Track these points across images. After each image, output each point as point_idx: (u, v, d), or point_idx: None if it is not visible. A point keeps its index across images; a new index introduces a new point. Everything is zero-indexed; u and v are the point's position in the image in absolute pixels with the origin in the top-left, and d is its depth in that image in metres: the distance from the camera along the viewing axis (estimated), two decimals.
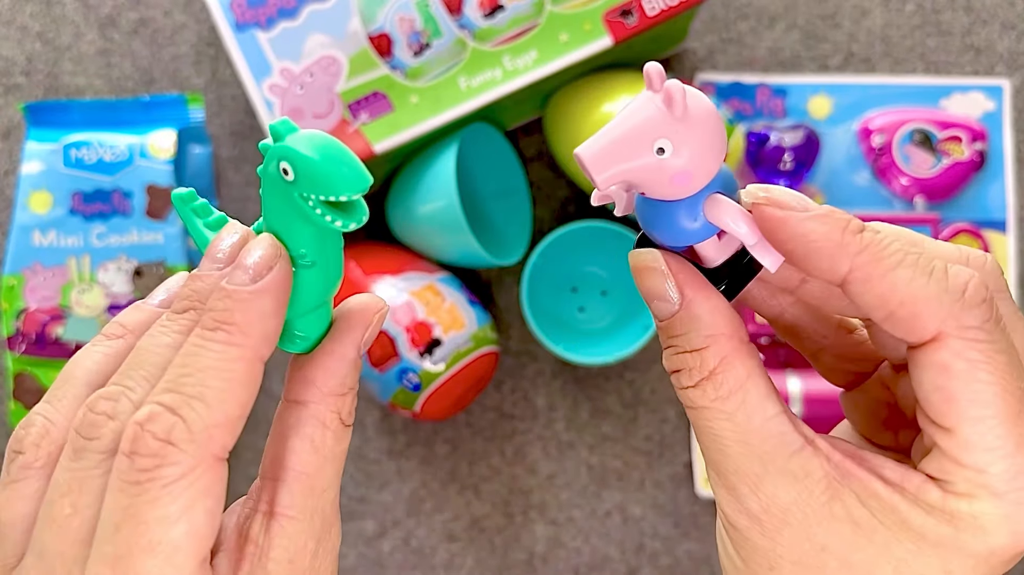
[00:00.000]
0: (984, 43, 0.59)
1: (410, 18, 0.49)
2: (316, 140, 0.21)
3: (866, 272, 0.21)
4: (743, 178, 0.57)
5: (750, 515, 0.23)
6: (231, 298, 0.21)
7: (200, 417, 0.20)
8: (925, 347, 0.21)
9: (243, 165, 0.59)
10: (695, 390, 0.23)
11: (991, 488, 0.21)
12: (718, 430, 0.23)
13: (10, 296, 0.54)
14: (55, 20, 0.59)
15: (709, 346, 0.23)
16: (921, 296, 0.21)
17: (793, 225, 0.22)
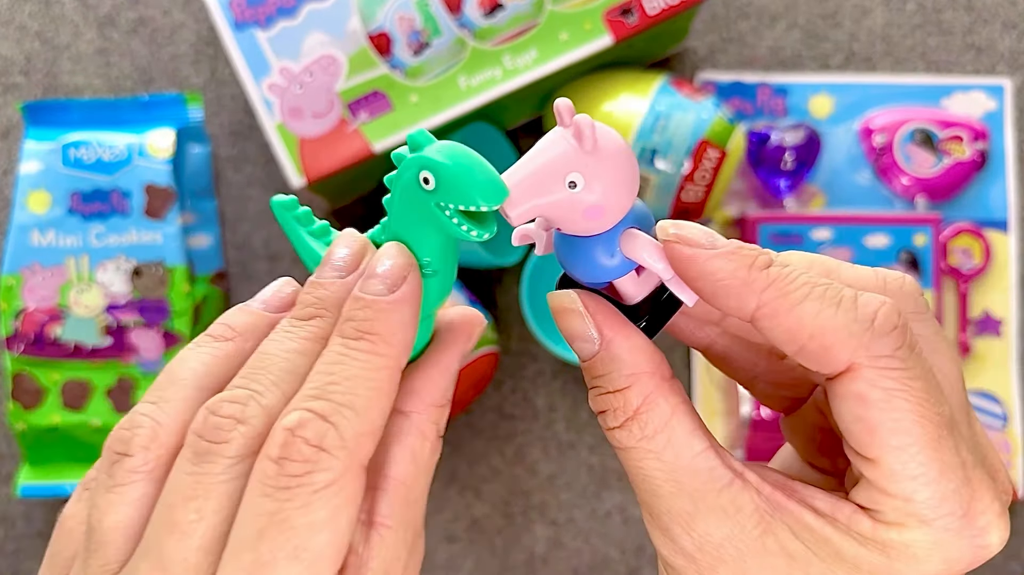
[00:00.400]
0: (985, 42, 0.59)
1: (410, 17, 0.49)
2: (457, 151, 0.21)
3: (773, 308, 0.21)
4: (745, 178, 0.57)
5: (685, 555, 0.22)
6: (371, 308, 0.22)
7: (351, 425, 0.20)
8: (841, 378, 0.21)
9: (242, 165, 0.59)
10: (621, 431, 0.23)
11: (919, 516, 0.21)
12: (647, 470, 0.23)
13: (8, 296, 0.54)
14: (54, 19, 0.59)
15: (631, 385, 0.23)
16: (829, 328, 0.21)
17: (700, 263, 0.22)
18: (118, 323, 0.54)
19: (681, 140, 0.49)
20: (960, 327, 0.58)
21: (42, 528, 0.58)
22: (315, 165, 0.48)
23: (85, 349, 0.54)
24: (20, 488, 0.54)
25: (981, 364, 0.58)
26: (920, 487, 0.21)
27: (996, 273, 0.58)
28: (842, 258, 0.54)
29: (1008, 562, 0.57)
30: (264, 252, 0.58)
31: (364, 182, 0.55)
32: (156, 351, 0.54)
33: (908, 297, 0.23)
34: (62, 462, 0.55)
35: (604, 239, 0.22)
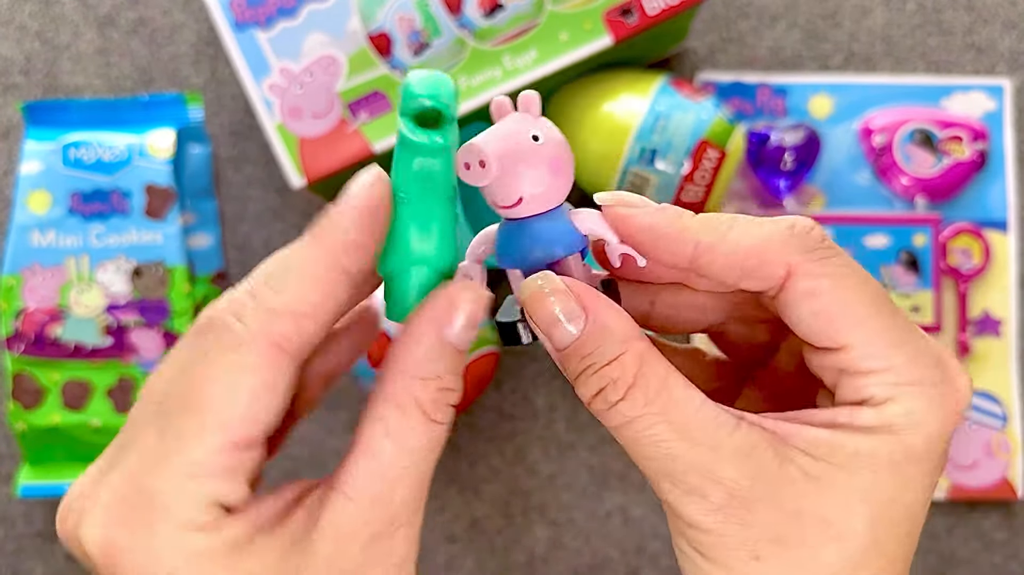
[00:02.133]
0: (985, 42, 0.59)
1: (410, 17, 0.49)
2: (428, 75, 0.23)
3: (708, 244, 0.23)
4: (745, 178, 0.57)
5: (718, 508, 0.22)
6: (324, 214, 0.23)
7: (265, 301, 0.22)
8: (787, 286, 0.23)
9: (243, 164, 0.59)
10: (625, 402, 0.22)
11: (905, 380, 0.22)
12: (659, 435, 0.22)
13: (9, 296, 0.54)
14: (54, 19, 0.59)
15: (627, 351, 0.22)
16: (761, 242, 0.23)
17: (639, 219, 0.23)
18: (118, 323, 0.54)
19: (681, 140, 0.49)
20: (960, 327, 0.58)
21: (42, 528, 0.58)
22: (315, 165, 0.48)
23: (85, 349, 0.54)
24: (20, 488, 0.54)
25: (981, 364, 0.58)
26: (894, 352, 0.22)
27: (996, 273, 0.58)
28: None
29: (1008, 562, 0.57)
30: (264, 252, 0.58)
31: None
32: (156, 351, 0.54)
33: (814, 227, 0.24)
34: (62, 462, 0.55)
35: (555, 214, 0.24)
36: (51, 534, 0.58)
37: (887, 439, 0.22)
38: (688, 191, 0.50)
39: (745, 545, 0.22)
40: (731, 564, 0.22)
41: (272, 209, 0.59)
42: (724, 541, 0.22)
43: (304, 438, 0.58)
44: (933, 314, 0.54)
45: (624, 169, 0.50)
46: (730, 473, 0.22)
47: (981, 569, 0.57)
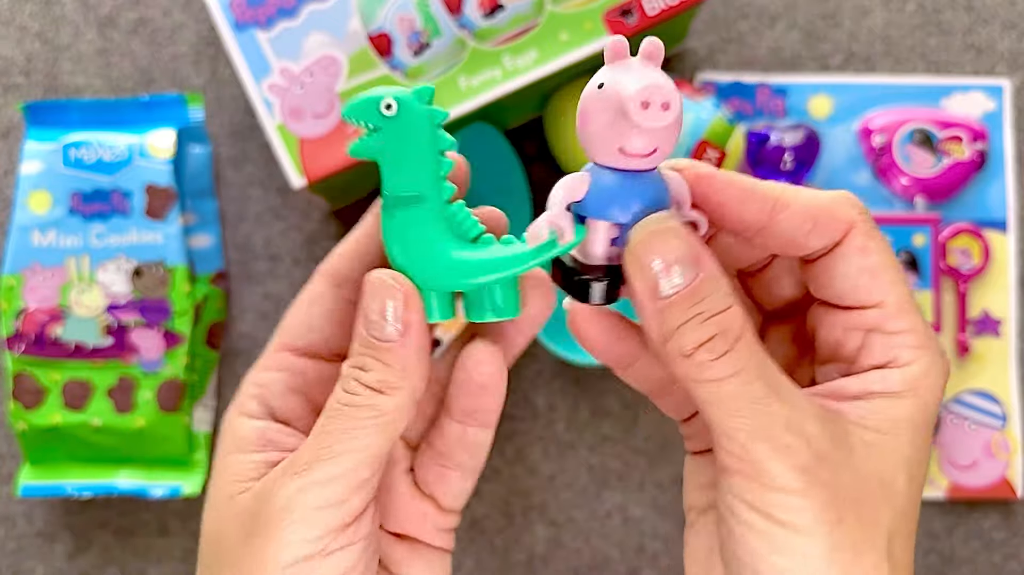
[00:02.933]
0: (985, 43, 0.59)
1: (410, 18, 0.49)
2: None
3: (785, 200, 0.24)
4: None
5: (806, 468, 0.22)
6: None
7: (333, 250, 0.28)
8: (844, 241, 0.24)
9: (243, 165, 0.59)
10: (732, 353, 0.22)
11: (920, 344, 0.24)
12: (757, 391, 0.22)
13: (9, 296, 0.54)
14: (54, 20, 0.59)
15: (734, 304, 0.23)
16: (831, 200, 0.24)
17: (723, 175, 0.24)
18: (119, 323, 0.54)
19: (681, 140, 0.49)
20: (959, 327, 0.58)
21: (43, 528, 0.58)
22: (316, 165, 0.48)
23: (86, 349, 0.54)
24: (21, 488, 0.54)
25: (980, 364, 0.58)
26: (914, 316, 0.24)
27: (995, 273, 0.58)
28: None
29: (1007, 562, 0.57)
30: (265, 252, 0.59)
31: (364, 183, 0.55)
32: (157, 351, 0.54)
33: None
34: (63, 462, 0.55)
35: (656, 173, 0.24)
36: (52, 534, 0.58)
37: (915, 402, 0.23)
38: None
39: (830, 507, 0.22)
40: (813, 528, 0.22)
41: (272, 209, 0.59)
42: (810, 504, 0.22)
43: None
44: (932, 314, 0.54)
45: None
46: (816, 432, 0.22)
47: (981, 569, 0.57)
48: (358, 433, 0.23)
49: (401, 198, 0.25)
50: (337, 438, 0.23)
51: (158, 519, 0.58)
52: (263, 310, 0.58)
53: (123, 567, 0.58)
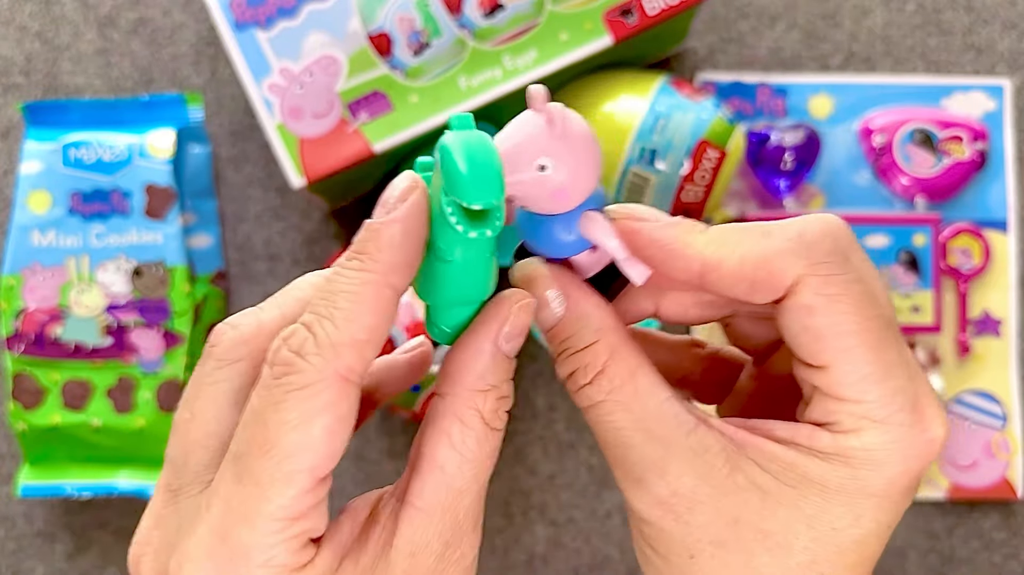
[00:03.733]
0: (985, 42, 0.59)
1: (410, 17, 0.49)
2: (469, 141, 0.21)
3: (717, 259, 0.23)
4: (745, 178, 0.57)
5: (661, 503, 0.23)
6: (366, 230, 0.22)
7: (329, 334, 0.21)
8: (788, 296, 0.22)
9: (243, 165, 0.59)
10: (591, 387, 0.23)
11: (872, 416, 0.22)
12: (618, 423, 0.23)
13: (9, 296, 0.54)
14: (54, 20, 0.59)
15: (599, 339, 0.24)
16: (769, 254, 0.22)
17: (648, 232, 0.23)
18: (118, 323, 0.54)
19: (681, 140, 0.49)
20: (959, 327, 0.58)
21: (42, 527, 0.58)
22: (315, 165, 0.48)
23: (85, 349, 0.54)
24: (20, 488, 0.54)
25: (980, 364, 0.58)
26: (870, 387, 0.22)
27: (995, 273, 0.58)
28: None
29: (1008, 562, 0.57)
30: (264, 252, 0.59)
31: (364, 182, 0.55)
32: (157, 351, 0.54)
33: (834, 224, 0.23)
34: (62, 462, 0.55)
35: (565, 219, 0.23)
36: (51, 534, 0.58)
37: (840, 469, 0.22)
38: (688, 191, 0.50)
39: (684, 542, 0.23)
40: (671, 559, 0.23)
41: (272, 209, 0.59)
42: (664, 535, 0.23)
43: None
44: (933, 314, 0.54)
45: (624, 169, 0.50)
46: (676, 470, 0.22)
47: (981, 569, 0.57)
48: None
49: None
50: (486, 484, 0.24)
51: None
52: None
53: (123, 567, 0.58)
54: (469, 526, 0.23)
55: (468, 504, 0.23)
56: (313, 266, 0.58)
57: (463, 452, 0.23)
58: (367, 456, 0.58)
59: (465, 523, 0.23)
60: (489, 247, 0.23)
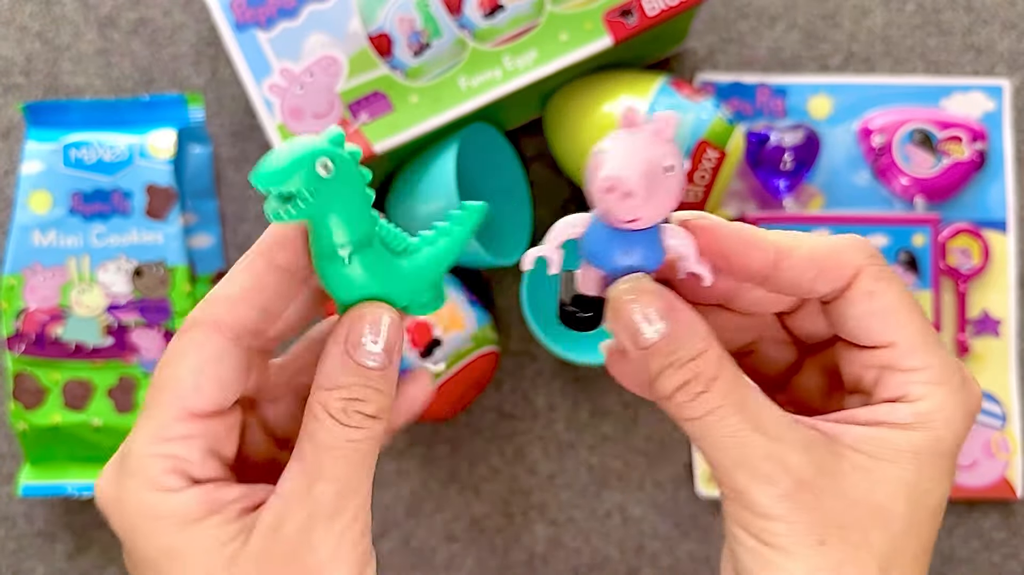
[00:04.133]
0: (985, 43, 0.59)
1: (410, 18, 0.49)
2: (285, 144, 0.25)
3: (788, 248, 0.25)
4: (744, 179, 0.57)
5: (787, 496, 0.23)
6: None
7: (209, 294, 0.26)
8: (851, 286, 0.25)
9: (243, 165, 0.59)
10: (708, 394, 0.24)
11: (936, 381, 0.24)
12: (735, 425, 0.24)
13: (10, 296, 0.54)
14: (54, 20, 0.59)
15: (709, 347, 0.24)
16: (835, 248, 0.25)
17: (727, 227, 0.25)
18: (119, 323, 0.54)
19: (680, 141, 0.49)
20: (959, 327, 0.58)
21: (43, 527, 0.58)
22: None
23: (86, 349, 0.54)
24: (21, 487, 0.54)
25: (980, 364, 0.58)
26: (930, 356, 0.25)
27: (995, 273, 0.58)
28: None
29: (1007, 561, 0.58)
30: None
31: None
32: (158, 351, 0.54)
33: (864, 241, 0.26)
34: (63, 462, 0.55)
35: (652, 230, 0.25)
36: (52, 533, 0.58)
37: (923, 434, 0.24)
38: (687, 191, 0.50)
39: (812, 531, 0.23)
40: (796, 550, 0.23)
41: None
42: (792, 527, 0.23)
43: None
44: (932, 314, 0.55)
45: None
46: (797, 463, 0.23)
47: (980, 568, 0.58)
48: (368, 463, 0.25)
49: (355, 243, 0.25)
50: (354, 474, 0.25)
51: None
52: None
53: (123, 567, 0.58)
54: (327, 511, 0.24)
55: (323, 490, 0.24)
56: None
57: (315, 443, 0.25)
58: None
59: (321, 508, 0.24)
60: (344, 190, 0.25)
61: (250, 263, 0.25)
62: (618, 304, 0.25)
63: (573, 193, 0.59)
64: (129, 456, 0.25)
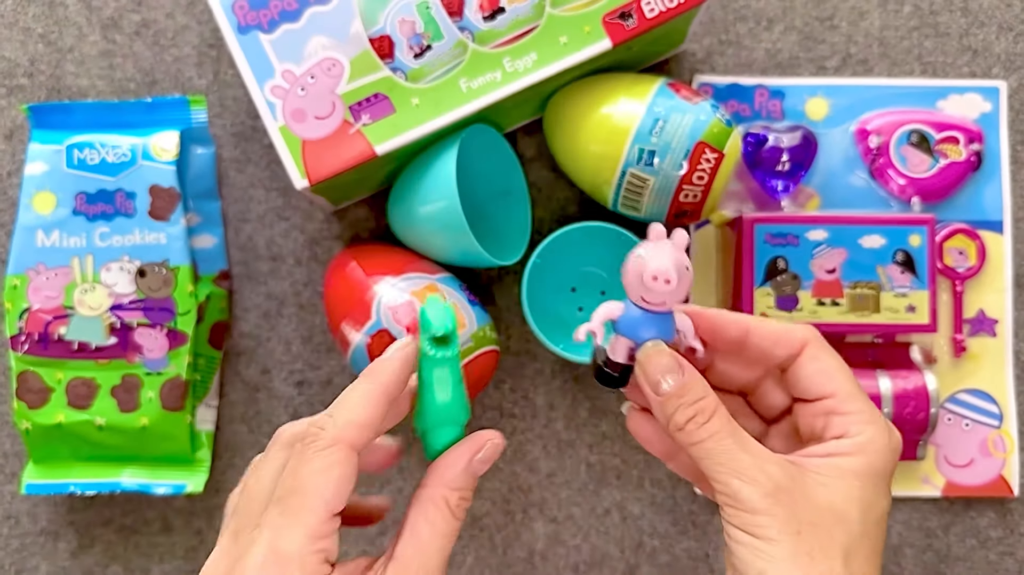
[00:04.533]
0: (981, 45, 0.60)
1: (411, 20, 0.49)
2: (431, 302, 0.36)
3: (756, 325, 0.36)
4: (742, 180, 0.58)
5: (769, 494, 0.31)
6: (376, 362, 0.35)
7: (340, 417, 0.33)
8: (802, 352, 0.35)
9: (245, 166, 0.59)
10: (710, 422, 0.33)
11: (867, 420, 0.34)
12: (729, 445, 0.33)
13: (14, 296, 0.55)
14: (58, 22, 0.60)
15: (708, 393, 0.34)
16: (789, 327, 0.36)
17: (714, 311, 0.36)
18: (123, 323, 0.55)
19: (679, 142, 0.50)
20: (955, 327, 0.58)
21: (46, 526, 0.58)
22: (318, 167, 0.49)
23: (90, 348, 0.54)
24: (25, 486, 0.55)
25: (976, 363, 0.58)
26: (862, 403, 0.34)
27: (991, 273, 0.59)
28: (838, 258, 0.55)
29: (1003, 559, 0.58)
30: (267, 253, 0.59)
31: (367, 183, 0.55)
32: (161, 351, 0.55)
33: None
34: (66, 460, 0.56)
35: (668, 314, 0.35)
36: (55, 532, 0.58)
37: (863, 459, 0.33)
38: (686, 192, 0.51)
39: (790, 522, 0.31)
40: (778, 538, 0.31)
41: (275, 210, 0.59)
42: (774, 519, 0.31)
43: None
44: (928, 314, 0.55)
45: (623, 170, 0.51)
46: (774, 471, 0.32)
47: (977, 566, 0.58)
48: None
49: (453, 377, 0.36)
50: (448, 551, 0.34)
51: (161, 517, 0.58)
52: (266, 310, 0.59)
53: (126, 564, 0.58)
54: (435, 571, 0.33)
55: (434, 564, 0.33)
56: (316, 266, 0.59)
57: (433, 525, 0.33)
58: None
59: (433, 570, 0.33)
60: (455, 373, 0.35)
61: (375, 398, 0.33)
62: (645, 364, 0.34)
63: (572, 194, 0.59)
64: (289, 558, 0.31)
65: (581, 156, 0.52)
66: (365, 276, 0.52)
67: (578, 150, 0.52)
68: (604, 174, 0.51)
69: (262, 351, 0.59)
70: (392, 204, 0.55)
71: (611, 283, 0.58)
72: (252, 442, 0.58)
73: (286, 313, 0.59)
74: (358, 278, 0.53)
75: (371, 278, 0.52)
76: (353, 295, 0.52)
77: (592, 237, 0.55)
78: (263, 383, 0.59)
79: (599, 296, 0.58)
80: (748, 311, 0.55)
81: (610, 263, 0.57)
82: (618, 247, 0.55)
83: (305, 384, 0.59)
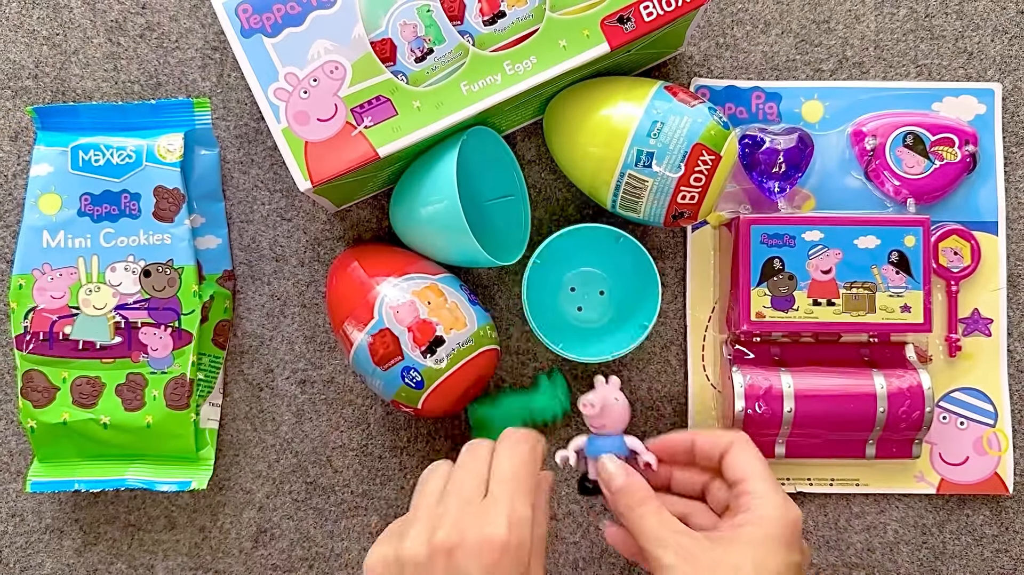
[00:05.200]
0: (976, 47, 0.60)
1: (413, 24, 0.50)
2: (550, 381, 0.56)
3: (698, 433, 0.48)
4: (739, 181, 0.58)
5: (679, 554, 0.42)
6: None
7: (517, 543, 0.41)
8: (728, 451, 0.46)
9: (249, 168, 0.60)
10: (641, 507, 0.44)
11: (767, 499, 0.43)
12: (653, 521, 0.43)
13: (20, 296, 0.55)
14: (63, 25, 0.60)
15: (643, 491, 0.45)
16: (723, 432, 0.48)
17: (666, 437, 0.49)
18: (128, 322, 0.55)
19: (676, 144, 0.50)
20: (950, 327, 0.59)
21: (51, 523, 0.59)
22: (321, 168, 0.49)
23: (95, 348, 0.55)
24: (30, 484, 0.55)
25: (971, 362, 0.59)
26: (768, 485, 0.44)
27: (985, 273, 0.59)
28: (834, 259, 0.56)
29: (998, 556, 0.58)
30: (271, 253, 0.59)
31: (369, 185, 0.56)
32: (165, 350, 0.55)
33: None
34: (71, 458, 0.56)
35: (619, 438, 0.47)
36: (60, 529, 0.59)
37: (760, 528, 0.43)
38: (684, 193, 0.51)
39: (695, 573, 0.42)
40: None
41: (279, 211, 0.60)
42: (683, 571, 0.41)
43: (309, 434, 0.59)
44: (923, 313, 0.55)
45: (621, 172, 0.51)
46: (683, 541, 0.42)
47: (971, 563, 0.58)
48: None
49: None
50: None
51: (166, 514, 0.59)
52: (269, 309, 0.59)
53: (131, 561, 0.58)
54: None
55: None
56: (319, 267, 0.59)
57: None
58: (371, 451, 0.59)
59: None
60: None
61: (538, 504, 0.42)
62: (601, 467, 0.46)
63: (571, 195, 0.59)
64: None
65: (580, 158, 0.53)
66: (367, 276, 0.53)
67: (577, 152, 0.53)
68: (603, 176, 0.52)
69: (265, 350, 0.59)
70: (394, 205, 0.56)
71: (609, 282, 0.59)
72: (255, 440, 0.59)
73: (289, 313, 0.59)
74: (360, 278, 0.53)
75: (373, 278, 0.53)
76: (355, 295, 0.53)
77: (591, 237, 0.55)
78: (266, 382, 0.59)
79: (598, 296, 0.59)
80: (746, 311, 0.55)
81: (609, 264, 0.58)
82: (617, 248, 0.56)
83: (308, 383, 0.59)
